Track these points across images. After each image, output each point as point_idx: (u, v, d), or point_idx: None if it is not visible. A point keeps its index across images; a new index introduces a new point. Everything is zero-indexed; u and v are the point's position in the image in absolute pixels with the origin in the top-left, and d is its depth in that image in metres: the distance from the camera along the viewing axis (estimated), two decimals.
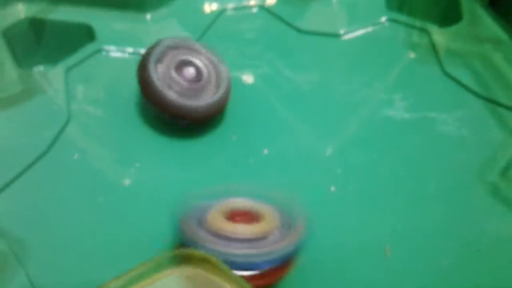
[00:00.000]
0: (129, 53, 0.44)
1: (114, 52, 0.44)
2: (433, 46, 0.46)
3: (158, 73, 0.37)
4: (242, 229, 0.28)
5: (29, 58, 0.46)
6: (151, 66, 0.37)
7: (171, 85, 0.37)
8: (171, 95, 0.36)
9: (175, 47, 0.39)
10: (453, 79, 0.43)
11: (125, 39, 0.44)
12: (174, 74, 0.37)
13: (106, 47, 0.44)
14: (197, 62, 0.39)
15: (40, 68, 0.46)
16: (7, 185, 0.34)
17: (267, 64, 0.45)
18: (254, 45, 0.46)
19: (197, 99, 0.37)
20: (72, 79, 0.42)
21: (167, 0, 0.47)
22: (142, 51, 0.44)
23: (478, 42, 0.46)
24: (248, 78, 0.44)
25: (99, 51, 0.44)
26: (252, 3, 0.49)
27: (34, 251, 0.31)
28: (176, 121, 0.38)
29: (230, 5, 0.49)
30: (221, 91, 0.38)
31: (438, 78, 0.44)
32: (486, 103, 0.41)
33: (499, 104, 0.41)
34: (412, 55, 0.46)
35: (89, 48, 0.44)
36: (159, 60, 0.38)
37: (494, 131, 0.39)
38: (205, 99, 0.37)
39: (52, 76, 0.41)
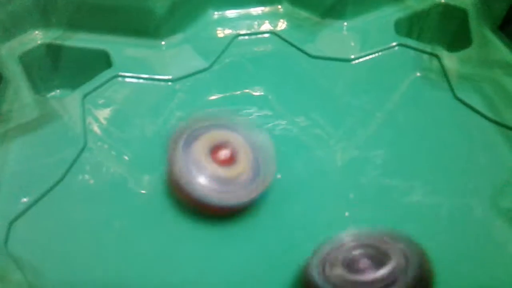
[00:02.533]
0: (145, 79, 0.45)
1: (130, 78, 0.44)
2: (443, 71, 0.46)
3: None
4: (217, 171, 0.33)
5: (45, 84, 0.47)
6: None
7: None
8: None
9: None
10: (464, 103, 0.43)
11: (140, 65, 0.45)
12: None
13: (122, 73, 0.44)
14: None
15: (57, 94, 0.46)
16: (23, 212, 0.35)
17: (279, 88, 0.45)
18: (265, 69, 0.47)
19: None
20: (88, 105, 0.42)
21: (182, 27, 0.48)
22: (157, 77, 0.45)
23: (488, 66, 0.46)
24: (259, 102, 0.44)
25: (115, 77, 0.44)
26: (263, 28, 0.50)
27: (49, 280, 0.32)
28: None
29: (243, 31, 0.49)
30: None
31: (449, 103, 0.44)
32: (498, 127, 0.41)
33: (510, 128, 0.41)
34: (422, 79, 0.46)
35: (106, 74, 0.44)
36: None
37: (506, 156, 0.39)
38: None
39: (68, 102, 0.42)
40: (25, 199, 0.35)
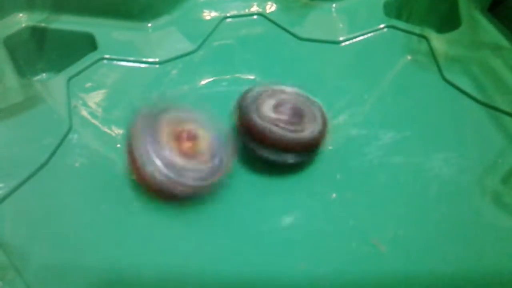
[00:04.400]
0: (131, 62, 0.44)
1: (116, 61, 0.44)
2: (432, 53, 0.46)
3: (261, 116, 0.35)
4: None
5: (30, 67, 0.46)
6: (252, 109, 0.35)
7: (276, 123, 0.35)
8: (277, 130, 0.34)
9: (267, 92, 0.37)
10: (453, 85, 0.43)
11: (126, 48, 0.45)
12: (273, 115, 0.35)
13: (108, 56, 0.44)
14: (293, 100, 0.37)
15: (42, 77, 0.46)
16: (8, 195, 0.34)
17: (267, 71, 0.45)
18: (253, 52, 0.47)
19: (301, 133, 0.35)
20: (73, 88, 0.42)
21: (168, 9, 0.47)
22: (144, 59, 0.44)
23: (477, 48, 0.46)
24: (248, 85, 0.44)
25: (100, 60, 0.44)
26: (251, 10, 0.49)
27: (34, 261, 0.31)
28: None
29: (230, 13, 0.49)
30: (319, 123, 0.36)
31: (437, 84, 0.44)
32: (486, 109, 0.41)
33: (499, 110, 0.41)
34: (411, 61, 0.46)
35: (91, 57, 0.44)
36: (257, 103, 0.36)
37: (494, 137, 0.39)
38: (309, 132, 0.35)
39: (53, 85, 0.41)
40: (9, 183, 0.35)
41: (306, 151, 0.36)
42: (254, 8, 0.49)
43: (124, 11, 0.46)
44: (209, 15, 0.49)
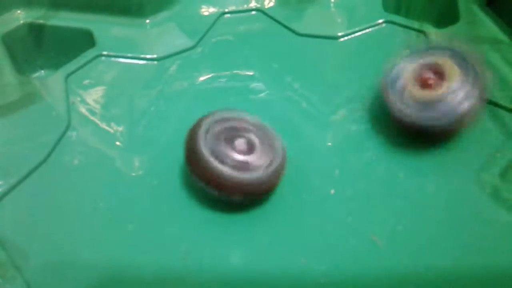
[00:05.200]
0: (129, 58, 0.44)
1: (114, 58, 0.44)
2: None
3: (208, 145, 0.33)
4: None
5: (28, 64, 0.46)
6: (200, 138, 0.33)
7: (223, 159, 0.33)
8: (225, 169, 0.32)
9: (224, 120, 0.35)
10: None
11: (124, 44, 0.45)
12: (224, 147, 0.33)
13: (106, 52, 0.44)
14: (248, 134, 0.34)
15: (41, 74, 0.46)
16: (6, 193, 0.34)
17: (266, 67, 0.45)
18: (252, 48, 0.47)
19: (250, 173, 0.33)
20: (72, 85, 0.42)
21: (166, 5, 0.47)
22: (142, 56, 0.44)
23: (476, 43, 0.46)
24: (247, 81, 0.44)
25: (99, 56, 0.44)
26: (250, 6, 0.49)
27: (34, 259, 0.31)
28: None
29: (228, 9, 0.49)
30: (275, 163, 0.34)
31: None
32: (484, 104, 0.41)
33: (498, 105, 0.41)
34: None
35: (89, 53, 0.44)
36: (208, 131, 0.34)
37: (492, 131, 0.39)
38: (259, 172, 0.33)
39: (51, 82, 0.41)
40: (8, 180, 0.35)
41: (252, 194, 0.34)
42: (253, 4, 0.49)
43: (122, 7, 0.45)
44: (207, 10, 0.48)
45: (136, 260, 0.32)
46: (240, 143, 0.33)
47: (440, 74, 0.37)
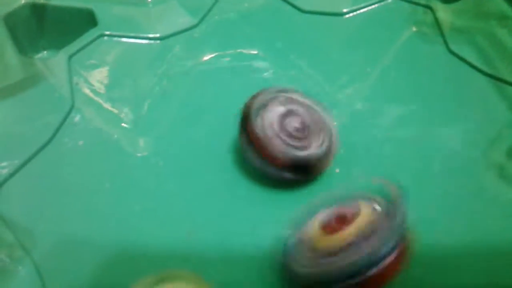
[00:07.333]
0: (132, 38, 0.44)
1: (116, 38, 0.43)
2: (437, 23, 0.45)
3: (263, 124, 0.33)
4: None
5: (31, 45, 0.46)
6: (253, 118, 0.33)
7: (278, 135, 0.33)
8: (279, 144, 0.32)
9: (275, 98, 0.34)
10: (458, 56, 0.43)
11: (127, 24, 0.44)
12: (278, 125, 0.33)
13: (108, 32, 0.43)
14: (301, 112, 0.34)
15: (44, 55, 0.45)
16: (12, 174, 0.34)
17: (270, 46, 0.44)
18: (255, 26, 0.46)
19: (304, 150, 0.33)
20: (75, 65, 0.41)
21: None
22: (145, 35, 0.44)
23: (483, 18, 0.45)
24: (252, 59, 0.43)
25: (100, 36, 0.43)
26: None
27: (41, 240, 0.32)
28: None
29: None
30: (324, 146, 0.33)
31: (443, 56, 0.43)
32: (491, 81, 0.41)
33: (505, 81, 0.40)
34: (416, 33, 0.45)
35: (91, 33, 0.43)
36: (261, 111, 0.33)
37: (499, 109, 0.39)
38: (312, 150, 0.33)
39: (54, 63, 0.41)
40: (13, 161, 0.35)
41: (304, 171, 0.34)
42: None
43: None
44: None
45: (142, 239, 0.32)
46: (295, 120, 0.33)
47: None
